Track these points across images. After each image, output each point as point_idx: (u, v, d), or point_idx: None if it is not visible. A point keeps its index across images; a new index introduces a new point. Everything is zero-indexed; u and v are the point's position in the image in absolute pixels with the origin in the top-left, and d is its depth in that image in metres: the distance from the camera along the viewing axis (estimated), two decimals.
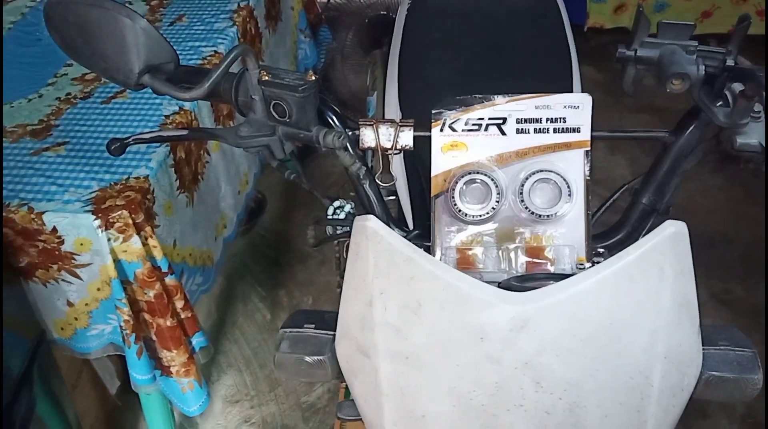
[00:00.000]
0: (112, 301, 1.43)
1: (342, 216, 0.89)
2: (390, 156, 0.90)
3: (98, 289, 1.46)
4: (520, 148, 0.87)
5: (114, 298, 1.42)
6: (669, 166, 0.87)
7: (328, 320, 0.84)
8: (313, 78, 0.84)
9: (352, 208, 0.90)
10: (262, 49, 2.14)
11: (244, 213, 2.01)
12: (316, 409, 2.07)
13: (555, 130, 0.87)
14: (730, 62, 0.80)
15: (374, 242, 0.75)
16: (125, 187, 1.42)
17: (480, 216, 0.85)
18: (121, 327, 1.45)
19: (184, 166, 1.59)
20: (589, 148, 0.86)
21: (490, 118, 0.87)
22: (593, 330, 0.69)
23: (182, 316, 1.54)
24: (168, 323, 1.49)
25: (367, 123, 0.89)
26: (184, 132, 0.90)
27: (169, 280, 1.48)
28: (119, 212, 1.36)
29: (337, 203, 0.90)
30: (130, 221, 1.37)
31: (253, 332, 2.31)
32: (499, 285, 0.78)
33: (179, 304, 1.52)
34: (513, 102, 0.87)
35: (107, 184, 1.43)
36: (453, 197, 0.86)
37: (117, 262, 1.40)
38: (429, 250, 0.87)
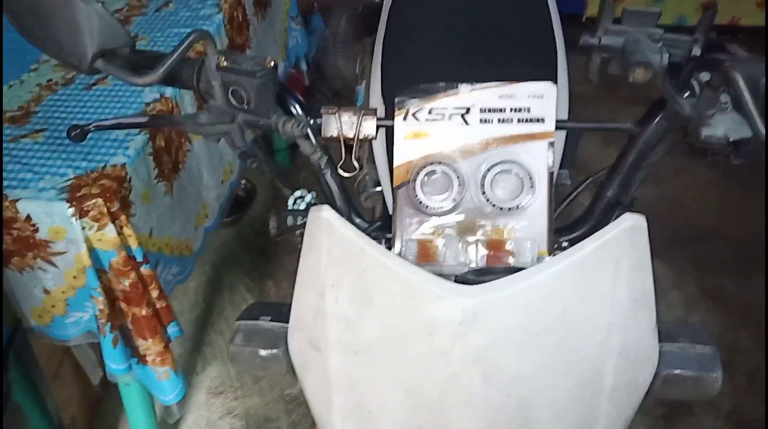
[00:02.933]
0: (88, 290, 1.42)
1: (302, 206, 0.87)
2: (356, 145, 0.88)
3: (74, 277, 1.45)
4: (483, 138, 0.85)
5: (89, 286, 1.41)
6: (635, 158, 0.85)
7: (284, 313, 0.82)
8: (272, 64, 0.82)
9: (313, 198, 0.89)
10: (250, 36, 2.12)
11: (229, 202, 2.00)
12: (299, 402, 2.06)
13: (519, 121, 0.85)
14: (696, 51, 0.78)
15: (327, 233, 0.73)
16: (101, 175, 1.41)
17: (441, 208, 0.84)
18: (96, 316, 1.44)
19: (163, 155, 1.58)
20: (553, 139, 0.84)
21: (453, 107, 0.85)
22: (546, 324, 0.68)
23: (157, 305, 1.53)
24: (144, 312, 1.48)
25: (329, 111, 0.87)
26: (145, 119, 0.89)
27: (145, 270, 1.47)
28: (94, 201, 1.35)
29: (298, 193, 0.89)
30: (105, 210, 1.36)
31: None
32: (456, 278, 0.76)
33: (154, 293, 1.51)
34: (477, 91, 0.85)
35: (83, 172, 1.41)
36: (414, 188, 0.84)
37: (92, 250, 1.39)
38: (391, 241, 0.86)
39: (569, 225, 0.90)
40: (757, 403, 2.02)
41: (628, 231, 0.70)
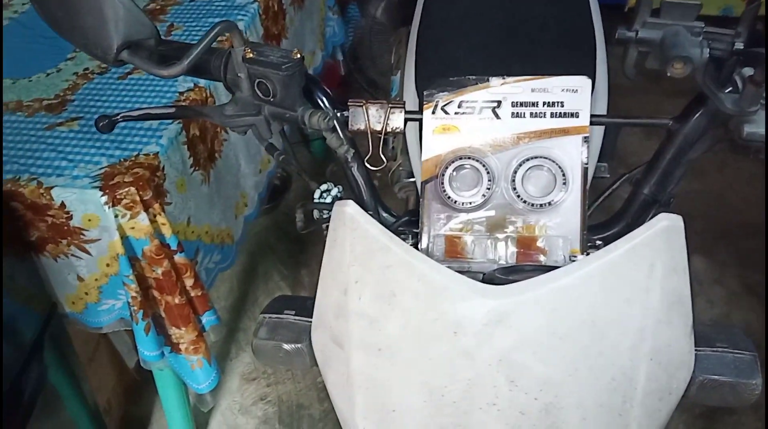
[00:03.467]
0: (121, 277, 1.43)
1: (329, 200, 0.86)
2: (382, 138, 0.86)
3: (107, 265, 1.47)
4: (514, 132, 0.83)
5: (122, 274, 1.42)
6: (673, 155, 0.82)
7: (309, 307, 0.81)
8: (298, 56, 0.81)
9: (339, 192, 0.87)
10: (286, 26, 2.11)
11: (267, 191, 2.00)
12: None
13: (552, 115, 0.82)
14: (738, 45, 0.75)
15: (351, 228, 0.72)
16: (134, 163, 1.41)
17: (470, 203, 0.82)
18: (128, 303, 1.45)
19: (198, 144, 1.58)
20: (587, 134, 0.82)
21: (484, 101, 0.83)
22: (574, 327, 0.65)
23: (192, 294, 1.53)
24: (176, 301, 1.49)
25: (357, 104, 0.86)
26: (172, 110, 0.89)
27: (179, 258, 1.47)
28: (127, 189, 1.35)
29: (324, 187, 0.87)
30: (138, 198, 1.36)
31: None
32: (484, 276, 0.74)
33: (189, 282, 1.51)
34: (508, 84, 0.83)
35: (117, 161, 1.42)
36: (443, 183, 0.82)
37: (124, 238, 1.39)
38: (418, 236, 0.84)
39: (604, 223, 0.88)
40: None
41: (664, 231, 0.67)
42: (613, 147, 1.58)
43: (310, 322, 0.80)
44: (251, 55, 0.82)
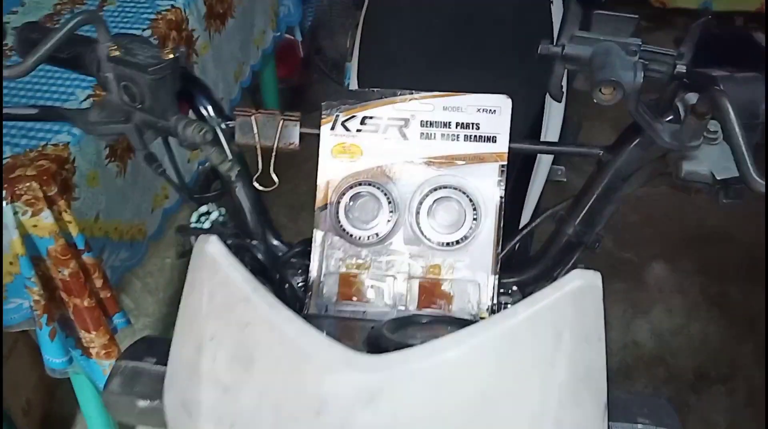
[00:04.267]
0: (23, 279, 1.30)
1: (206, 225, 0.74)
2: (274, 154, 0.74)
3: (11, 263, 1.34)
4: (423, 156, 0.71)
5: (23, 276, 1.29)
6: (602, 190, 0.71)
7: None
8: (171, 56, 0.68)
9: (221, 215, 0.76)
10: (233, 4, 1.97)
11: (197, 182, 1.87)
12: None
13: (466, 138, 0.71)
14: (681, 68, 0.63)
15: (210, 272, 0.60)
16: (40, 154, 1.28)
17: (368, 238, 0.70)
18: (31, 307, 1.33)
19: None
20: (505, 163, 0.70)
21: (390, 118, 0.71)
22: (462, 408, 0.54)
23: (101, 295, 1.41)
24: (86, 303, 1.37)
25: (244, 113, 0.74)
26: (34, 110, 0.76)
27: (87, 258, 1.35)
28: (28, 184, 1.22)
29: (203, 208, 0.75)
30: (41, 194, 1.24)
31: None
32: (370, 332, 0.63)
33: (98, 283, 1.39)
34: (417, 100, 0.71)
35: (22, 151, 1.29)
36: (338, 212, 0.71)
37: (26, 237, 1.27)
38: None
39: (521, 264, 0.76)
40: (754, 424, 1.89)
41: (576, 294, 0.56)
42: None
43: None
44: (116, 52, 0.69)
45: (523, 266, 0.75)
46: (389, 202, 0.70)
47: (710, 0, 2.95)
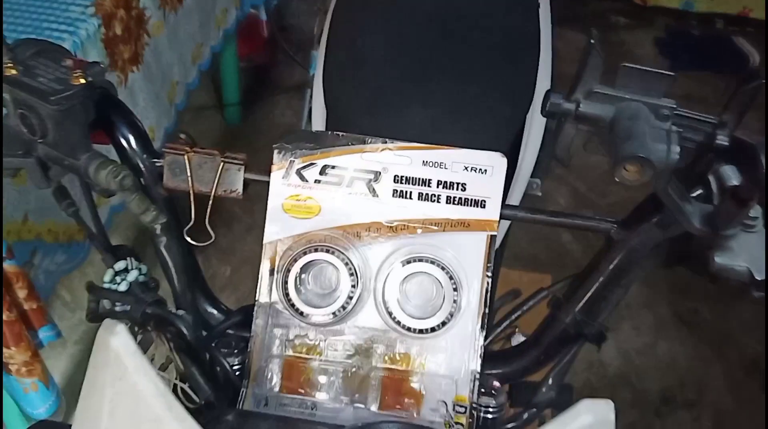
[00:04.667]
0: None
1: (122, 286, 0.60)
2: (211, 202, 0.60)
3: None
4: (394, 218, 0.58)
5: None
6: (611, 273, 0.58)
7: None
8: (81, 81, 0.53)
9: (141, 275, 0.61)
10: None
11: None
12: None
13: (449, 200, 0.57)
14: (722, 139, 0.51)
15: (114, 374, 0.46)
16: None
17: (322, 316, 0.57)
18: None
19: None
20: (495, 233, 0.57)
21: (357, 170, 0.58)
22: None
23: (26, 306, 1.25)
24: (4, 317, 1.21)
25: (176, 151, 0.59)
26: None
27: (8, 266, 1.19)
28: None
29: (120, 265, 0.61)
30: None
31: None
32: None
33: (21, 293, 1.23)
34: (391, 151, 0.57)
35: None
36: (286, 282, 0.57)
37: None
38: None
39: (505, 352, 0.64)
40: None
41: None
42: (549, 159, 1.34)
43: None
44: (12, 71, 0.54)
45: (509, 355, 0.63)
46: (351, 274, 0.57)
47: (692, 1, 2.85)
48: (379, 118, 1.00)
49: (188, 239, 0.61)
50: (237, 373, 0.60)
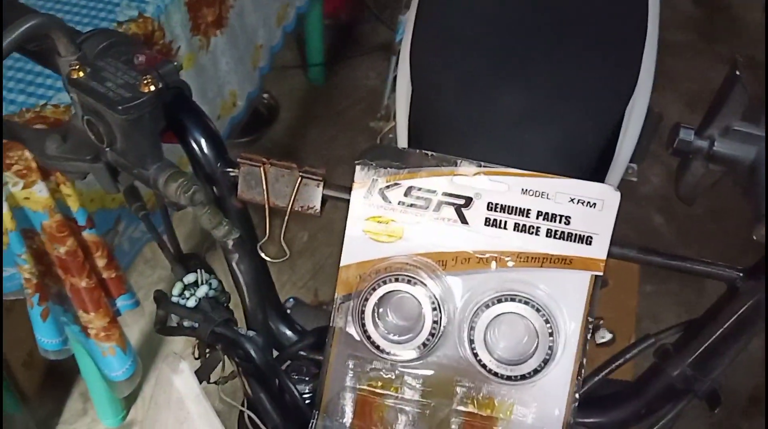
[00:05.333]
0: (12, 256, 1.16)
1: (191, 303, 0.56)
2: (288, 217, 0.56)
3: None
4: (486, 249, 0.52)
5: (12, 252, 1.14)
6: (731, 326, 0.51)
7: None
8: (152, 88, 0.49)
9: (212, 290, 0.58)
10: None
11: (226, 138, 1.69)
12: None
13: (550, 234, 0.51)
14: None
15: (177, 418, 0.43)
16: (37, 116, 1.12)
17: (400, 352, 0.52)
18: (22, 285, 1.18)
19: None
20: (600, 273, 0.51)
21: (445, 193, 0.52)
22: None
23: (104, 275, 1.26)
24: (84, 284, 1.22)
25: (252, 163, 0.55)
26: None
27: (88, 235, 1.19)
28: (20, 151, 1.06)
29: (190, 278, 0.57)
30: (34, 164, 1.07)
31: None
32: None
33: (101, 262, 1.24)
34: (486, 176, 0.51)
35: (17, 109, 1.12)
36: (363, 312, 0.52)
37: (17, 209, 1.11)
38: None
39: (600, 400, 0.58)
40: None
41: None
42: (649, 142, 1.25)
43: None
44: (79, 74, 0.50)
45: (605, 404, 0.57)
46: (434, 309, 0.51)
47: None
48: (469, 102, 0.93)
49: (262, 255, 0.57)
50: (307, 402, 0.56)
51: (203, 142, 0.55)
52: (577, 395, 0.51)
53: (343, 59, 2.54)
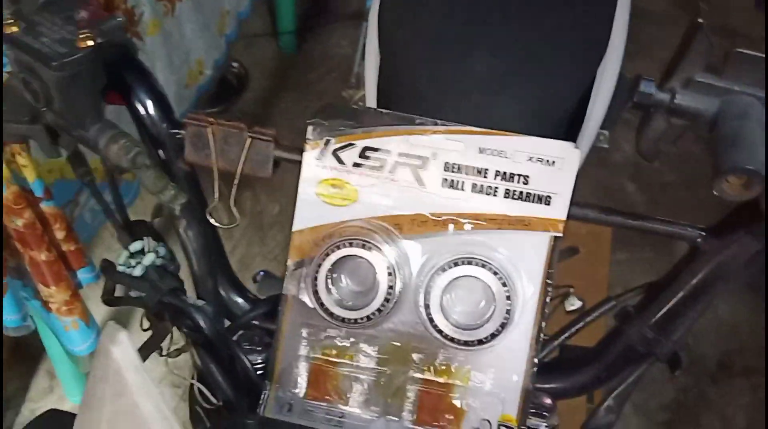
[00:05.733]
0: None
1: (137, 271, 0.54)
2: (237, 180, 0.54)
3: None
4: (443, 212, 0.50)
5: None
6: (693, 287, 0.50)
7: None
8: (90, 43, 0.46)
9: (158, 258, 0.55)
10: None
11: (193, 107, 1.65)
12: None
13: (508, 194, 0.49)
14: None
15: (114, 391, 0.41)
16: None
17: (355, 320, 0.50)
18: None
19: None
20: (560, 234, 0.49)
21: (401, 154, 0.50)
22: None
23: (64, 248, 1.22)
24: (43, 257, 1.19)
25: (198, 123, 0.52)
26: None
27: (46, 207, 1.15)
28: None
29: (136, 246, 0.55)
30: None
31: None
32: None
33: (60, 234, 1.20)
34: (442, 134, 0.49)
35: None
36: (316, 279, 0.50)
37: None
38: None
39: (561, 363, 0.56)
40: None
41: None
42: (621, 108, 1.23)
43: None
44: (13, 27, 0.47)
45: (565, 369, 0.55)
46: (389, 274, 0.50)
47: None
48: (438, 68, 0.91)
49: (211, 220, 0.54)
50: (259, 372, 0.54)
51: (148, 102, 0.53)
52: (535, 360, 0.50)
53: (315, 27, 2.49)
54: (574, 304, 1.45)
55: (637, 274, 1.84)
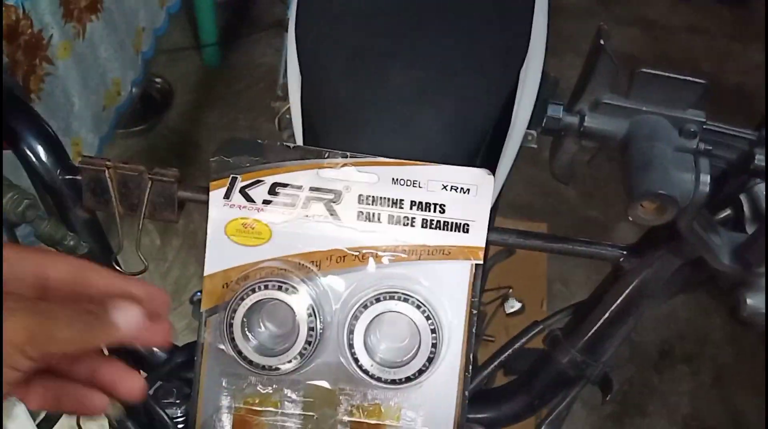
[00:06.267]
0: None
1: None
2: (141, 222, 0.51)
3: None
4: (361, 245, 0.48)
5: None
6: (618, 307, 0.49)
7: None
8: None
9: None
10: None
11: (114, 129, 1.60)
12: None
13: (425, 224, 0.48)
14: (760, 160, 0.40)
15: None
16: None
17: (275, 367, 0.48)
18: None
19: None
20: (480, 261, 0.48)
21: (313, 189, 0.48)
22: None
23: None
24: None
25: (94, 166, 0.49)
26: None
27: None
28: None
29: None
30: None
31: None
32: None
33: None
34: (353, 167, 0.47)
35: None
36: (231, 325, 0.48)
37: None
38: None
39: (494, 393, 0.55)
40: (719, 408, 1.77)
41: None
42: (546, 107, 1.23)
43: None
44: None
45: (496, 398, 0.54)
46: (309, 315, 0.47)
47: None
48: (359, 81, 0.89)
49: (118, 269, 0.51)
50: (180, 427, 0.51)
51: (39, 148, 0.49)
52: (466, 393, 0.48)
53: (239, 38, 2.45)
54: (514, 306, 1.46)
55: (574, 269, 1.85)
